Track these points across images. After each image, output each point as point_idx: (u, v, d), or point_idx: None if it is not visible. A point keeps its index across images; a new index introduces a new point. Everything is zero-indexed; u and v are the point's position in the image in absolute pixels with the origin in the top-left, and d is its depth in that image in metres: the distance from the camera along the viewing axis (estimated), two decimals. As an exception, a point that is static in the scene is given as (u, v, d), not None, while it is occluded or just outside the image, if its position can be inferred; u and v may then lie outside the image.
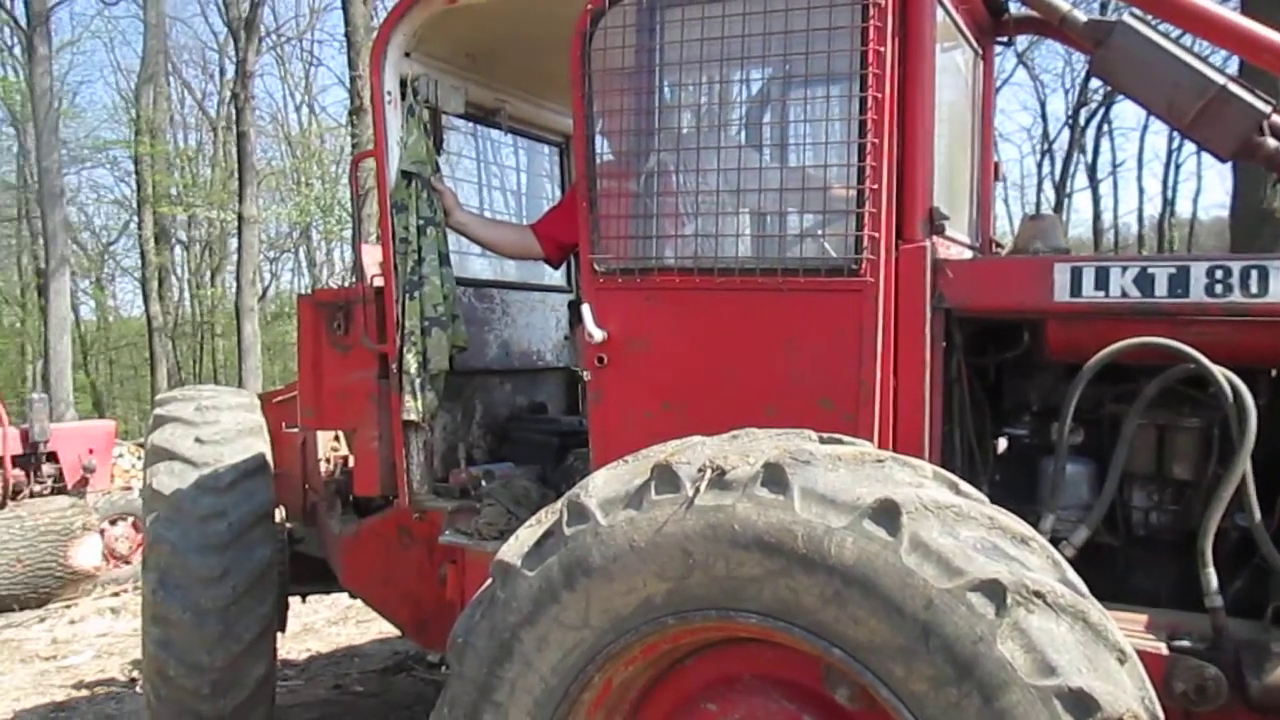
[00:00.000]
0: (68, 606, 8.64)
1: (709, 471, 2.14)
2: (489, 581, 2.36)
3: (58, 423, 12.47)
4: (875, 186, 2.76)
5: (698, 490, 2.12)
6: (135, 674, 6.19)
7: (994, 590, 1.87)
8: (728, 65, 3.06)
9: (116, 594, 9.07)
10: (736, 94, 3.30)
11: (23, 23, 21.67)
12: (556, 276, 4.67)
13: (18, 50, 25.45)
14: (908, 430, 2.79)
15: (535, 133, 4.71)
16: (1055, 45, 17.39)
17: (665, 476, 2.18)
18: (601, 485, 2.28)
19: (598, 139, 3.14)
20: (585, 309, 3.08)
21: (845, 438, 2.31)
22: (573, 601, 2.22)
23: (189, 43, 34.58)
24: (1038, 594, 1.88)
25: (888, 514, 1.97)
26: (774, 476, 2.08)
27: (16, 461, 11.10)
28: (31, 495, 10.91)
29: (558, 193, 4.85)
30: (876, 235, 2.76)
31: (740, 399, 2.93)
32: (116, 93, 36.33)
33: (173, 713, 4.25)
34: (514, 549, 2.33)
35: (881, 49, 2.74)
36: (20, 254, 31.22)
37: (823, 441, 2.24)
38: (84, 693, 6.14)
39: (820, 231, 2.96)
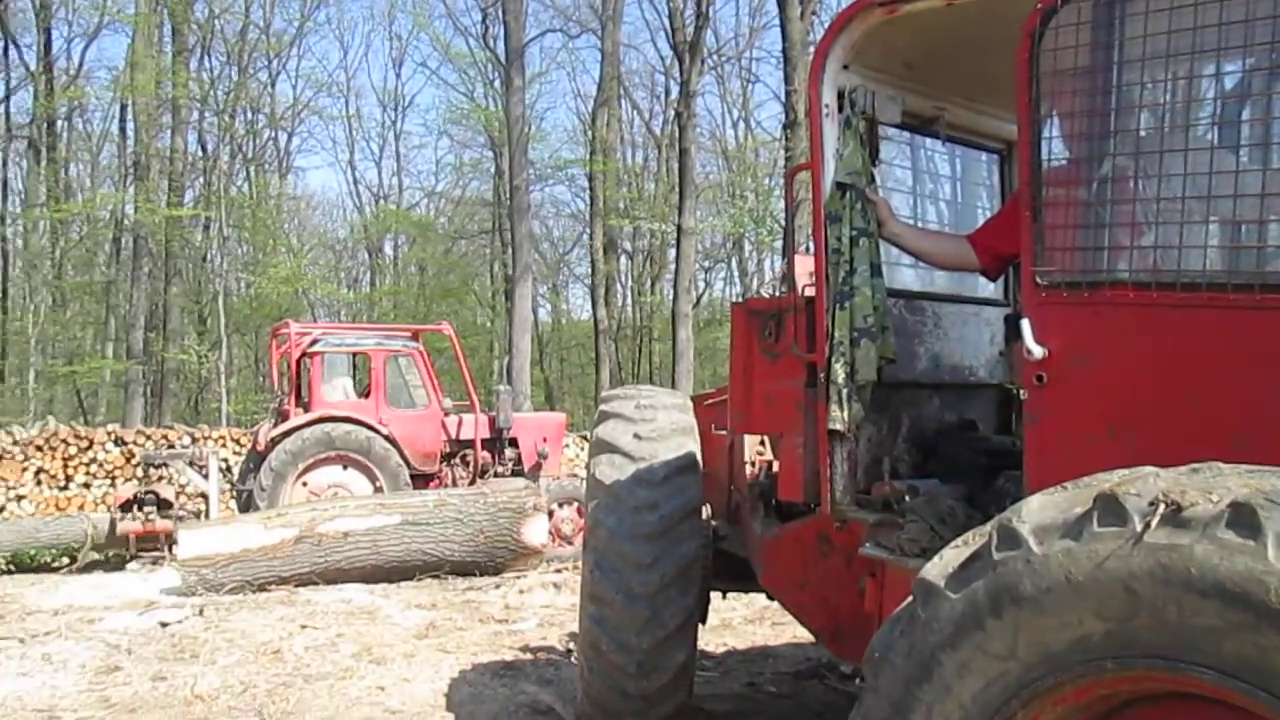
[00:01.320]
0: (518, 577, 9.63)
1: (1162, 506, 1.94)
2: (910, 599, 2.31)
3: (518, 412, 13.97)
4: (1387, 190, 2.37)
5: (1148, 525, 1.94)
6: (571, 645, 6.76)
7: None
8: (1200, 58, 2.76)
9: (559, 570, 9.96)
10: (1209, 89, 2.98)
11: (502, 59, 24.53)
12: (991, 289, 4.48)
13: (497, 83, 28.90)
14: None
15: (973, 140, 4.54)
16: None
17: (1110, 507, 2.01)
18: (1036, 511, 2.15)
19: (1045, 144, 2.97)
20: (1024, 324, 2.91)
21: (1336, 481, 2.00)
22: (999, 630, 2.12)
23: (639, 67, 37.39)
24: None
25: (1392, 575, 1.68)
26: (1242, 518, 1.84)
27: (485, 445, 12.63)
28: (495, 475, 12.35)
29: (995, 202, 4.65)
30: (1386, 247, 2.37)
31: (1201, 428, 2.63)
32: (575, 116, 40.09)
33: (603, 685, 4.57)
34: (938, 569, 2.26)
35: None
36: (492, 262, 35.38)
37: (1306, 483, 1.96)
38: (528, 656, 6.80)
39: (1312, 242, 2.60)
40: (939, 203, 4.65)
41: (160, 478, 11.93)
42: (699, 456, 4.68)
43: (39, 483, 16.22)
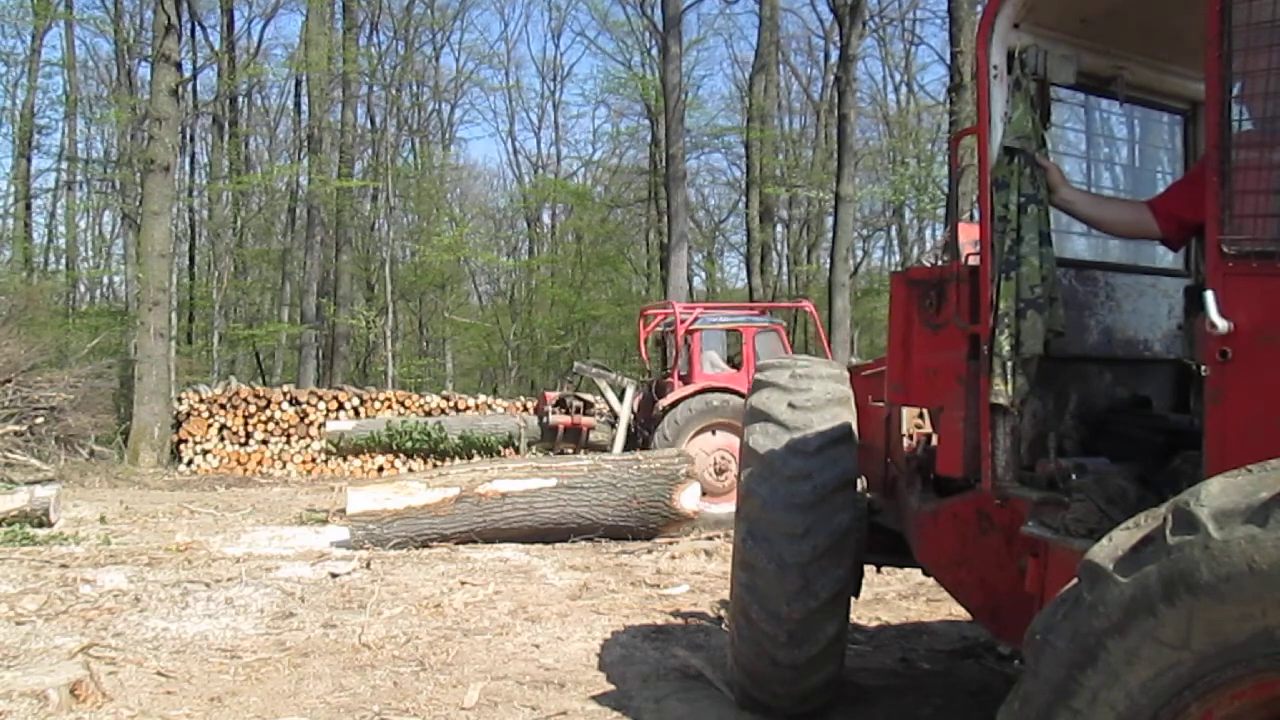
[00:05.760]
0: (670, 543, 9.71)
1: (1360, 492, 1.82)
2: (1075, 581, 2.23)
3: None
4: None
5: (1343, 513, 1.81)
6: (722, 612, 6.79)
7: None
8: None
9: (710, 538, 10.01)
10: None
11: (660, 26, 24.52)
12: (1170, 259, 4.23)
13: (654, 51, 28.93)
14: None
15: (1154, 100, 4.29)
16: None
17: (1301, 493, 1.89)
18: (1216, 494, 2.04)
19: (1236, 103, 2.78)
20: (1208, 295, 2.75)
21: None
22: (1172, 618, 2.02)
23: (797, 31, 36.74)
24: None
25: None
26: None
27: None
28: None
29: (1177, 167, 4.38)
30: None
31: None
32: (732, 83, 39.81)
33: (752, 653, 4.58)
34: (1106, 551, 2.18)
35: None
36: (648, 230, 35.57)
37: None
38: (679, 620, 6.86)
39: None
40: (1115, 167, 4.42)
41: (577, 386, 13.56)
42: (855, 428, 4.61)
43: (222, 438, 17.36)
